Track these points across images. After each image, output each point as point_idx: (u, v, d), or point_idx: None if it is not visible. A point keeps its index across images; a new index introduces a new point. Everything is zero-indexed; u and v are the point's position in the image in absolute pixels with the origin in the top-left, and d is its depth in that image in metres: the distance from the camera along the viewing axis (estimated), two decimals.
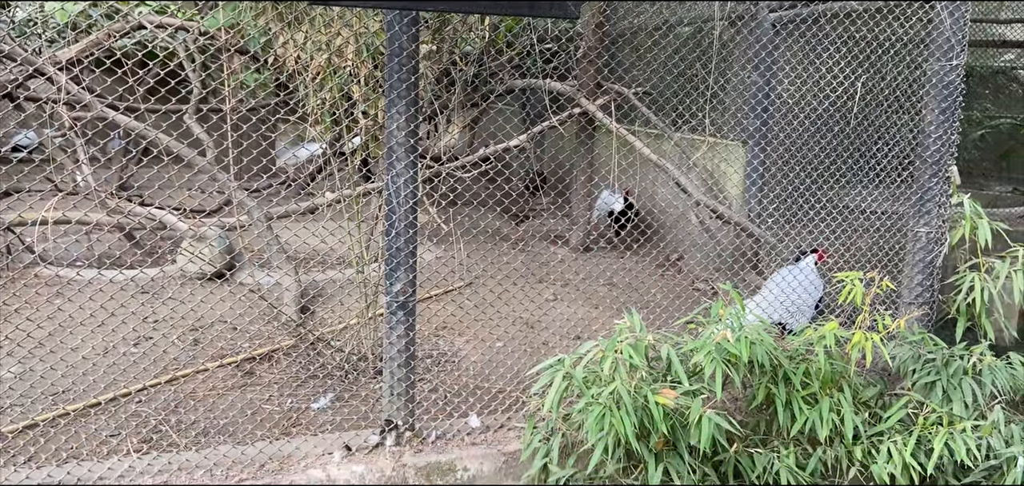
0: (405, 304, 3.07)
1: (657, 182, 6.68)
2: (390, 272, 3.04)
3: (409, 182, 2.99)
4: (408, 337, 3.10)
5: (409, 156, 2.97)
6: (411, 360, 3.13)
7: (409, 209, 3.01)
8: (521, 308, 5.02)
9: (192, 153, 5.16)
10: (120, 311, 4.50)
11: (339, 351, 4.13)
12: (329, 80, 3.78)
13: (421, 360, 4.23)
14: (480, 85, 6.91)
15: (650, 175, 6.74)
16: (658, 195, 6.72)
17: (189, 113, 6.11)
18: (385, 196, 3.03)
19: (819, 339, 3.17)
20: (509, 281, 5.59)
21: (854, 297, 3.32)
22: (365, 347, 4.05)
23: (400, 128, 2.95)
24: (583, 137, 6.73)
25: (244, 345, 4.27)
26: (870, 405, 3.36)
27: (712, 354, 2.92)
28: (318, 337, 4.25)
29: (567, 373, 2.85)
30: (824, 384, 3.18)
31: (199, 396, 3.64)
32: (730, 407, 3.45)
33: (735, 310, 3.16)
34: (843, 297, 3.36)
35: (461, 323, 4.73)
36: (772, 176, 5.35)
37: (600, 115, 5.87)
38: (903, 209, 4.77)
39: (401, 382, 3.13)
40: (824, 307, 4.43)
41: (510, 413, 3.53)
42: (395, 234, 3.01)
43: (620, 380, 2.78)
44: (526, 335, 4.73)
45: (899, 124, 4.91)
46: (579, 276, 6.05)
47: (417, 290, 3.17)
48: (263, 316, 4.64)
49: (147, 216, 5.16)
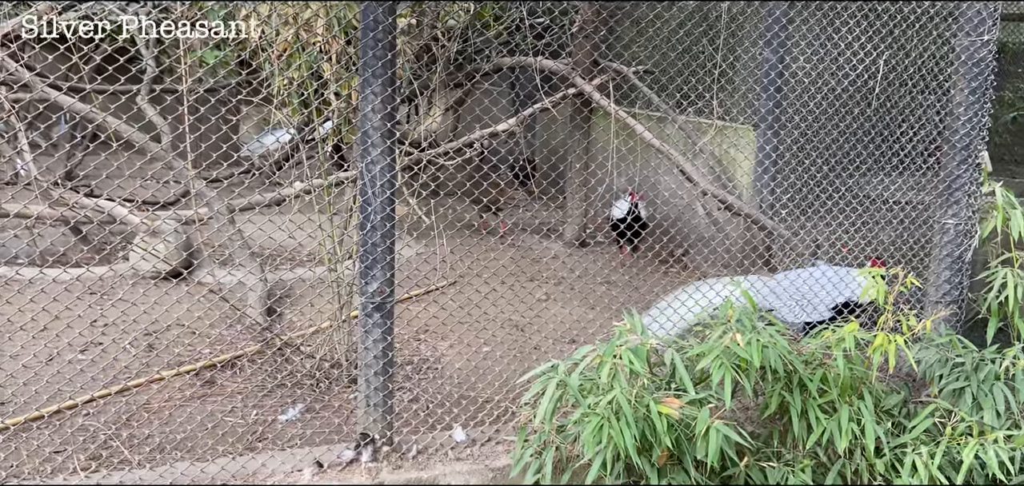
0: (382, 305, 3.06)
1: (660, 170, 6.69)
2: (365, 270, 3.03)
3: (386, 170, 2.97)
4: (385, 342, 3.09)
5: (386, 142, 2.96)
6: (389, 367, 3.12)
7: (386, 200, 2.99)
8: (510, 309, 5.02)
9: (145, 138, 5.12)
10: (65, 314, 4.46)
11: (309, 357, 4.11)
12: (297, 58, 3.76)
13: (400, 367, 4.21)
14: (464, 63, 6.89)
15: (652, 162, 6.75)
16: (661, 184, 6.73)
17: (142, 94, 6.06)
18: (360, 186, 3.02)
19: (838, 342, 3.18)
20: (497, 280, 5.59)
21: (876, 296, 3.33)
22: (338, 353, 4.04)
23: (376, 111, 2.93)
24: (578, 121, 6.73)
25: (204, 351, 4.24)
26: (893, 414, 3.37)
27: (720, 359, 2.93)
28: (286, 342, 4.23)
29: (561, 381, 2.85)
30: (843, 391, 3.19)
31: (154, 408, 3.62)
32: (740, 417, 3.46)
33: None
34: (864, 295, 3.37)
35: (444, 326, 4.72)
36: (786, 163, 5.36)
37: (597, 96, 5.87)
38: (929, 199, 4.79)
39: (378, 391, 3.12)
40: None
41: (499, 425, 3.53)
42: (371, 228, 3.00)
43: (619, 388, 2.78)
44: (516, 339, 4.72)
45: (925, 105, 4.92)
46: (574, 274, 6.06)
47: (395, 290, 3.15)
48: (225, 319, 4.61)
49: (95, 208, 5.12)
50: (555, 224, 7.55)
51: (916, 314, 3.52)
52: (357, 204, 3.26)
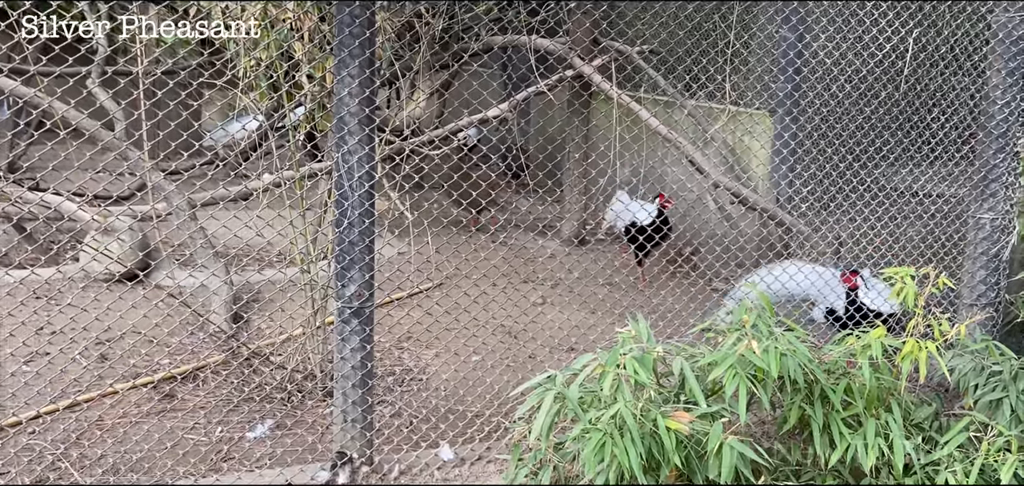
0: (361, 310, 3.05)
1: (667, 160, 6.70)
2: (342, 271, 3.03)
3: (364, 161, 2.97)
4: (364, 350, 3.09)
5: (364, 129, 2.95)
6: (368, 379, 3.12)
7: (365, 194, 2.99)
8: (503, 314, 5.02)
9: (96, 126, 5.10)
10: (8, 321, 4.44)
11: (280, 368, 4.10)
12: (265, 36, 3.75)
13: (381, 378, 4.21)
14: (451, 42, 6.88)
15: (658, 152, 6.76)
16: (668, 176, 6.74)
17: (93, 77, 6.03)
18: (335, 178, 3.01)
19: (863, 349, 3.19)
20: (488, 281, 5.59)
21: (904, 298, 3.34)
22: (312, 363, 4.03)
23: (353, 95, 2.93)
24: (577, 106, 6.74)
25: (163, 362, 4.23)
26: (924, 428, 3.39)
27: (735, 368, 2.93)
28: (254, 351, 4.22)
29: (559, 393, 2.85)
30: (869, 403, 3.20)
31: (107, 425, 3.61)
32: (756, 432, 3.47)
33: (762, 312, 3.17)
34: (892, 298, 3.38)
35: (429, 333, 4.72)
36: (806, 152, 5.38)
37: (598, 79, 5.87)
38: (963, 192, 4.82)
39: (356, 406, 3.12)
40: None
41: (490, 442, 3.53)
42: (348, 225, 2.99)
43: (623, 401, 2.78)
44: (509, 347, 4.72)
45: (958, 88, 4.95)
46: (573, 275, 6.06)
47: (375, 293, 3.15)
48: (186, 326, 4.60)
49: (41, 203, 5.10)
50: (552, 220, 7.56)
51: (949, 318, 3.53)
52: (332, 198, 3.25)
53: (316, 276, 4.00)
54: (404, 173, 4.36)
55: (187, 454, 3.39)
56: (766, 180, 5.78)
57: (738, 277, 5.76)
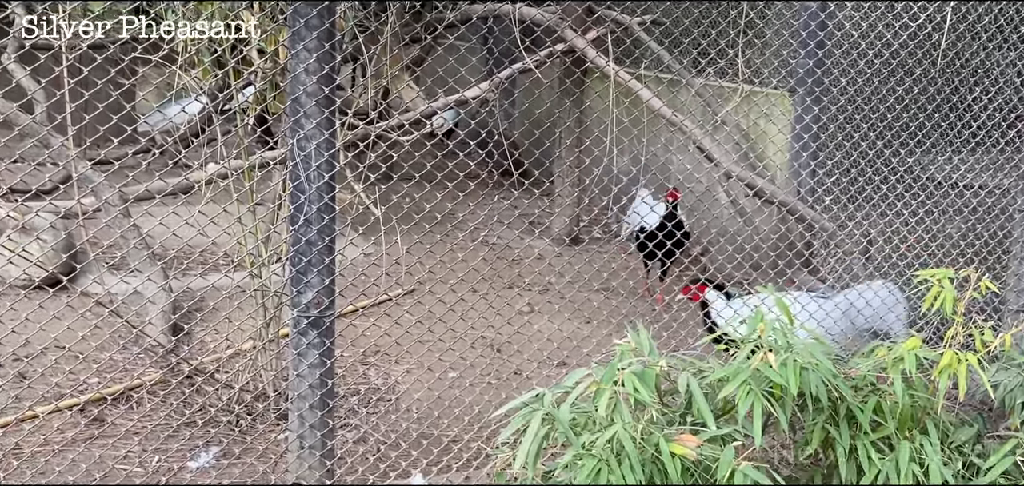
0: (320, 320, 3.04)
1: (672, 147, 6.71)
2: (298, 275, 3.01)
3: (324, 148, 2.96)
4: (324, 366, 3.07)
5: (323, 112, 2.94)
6: (329, 399, 3.11)
7: (324, 186, 2.98)
8: (484, 324, 5.01)
9: (12, 108, 5.05)
10: None
11: (227, 388, 4.09)
12: (208, 4, 3.73)
13: (343, 398, 4.20)
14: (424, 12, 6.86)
15: (662, 137, 6.77)
16: (673, 165, 6.75)
17: (8, 52, 5.98)
18: (290, 169, 3.00)
19: (895, 362, 3.21)
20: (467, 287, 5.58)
21: (942, 304, 3.36)
22: (264, 382, 4.02)
23: (310, 72, 2.92)
24: (569, 85, 6.74)
25: (91, 381, 4.20)
26: (964, 451, 3.40)
27: (748, 384, 2.94)
28: (196, 368, 4.20)
29: (548, 414, 2.84)
30: (902, 424, 3.21)
31: (25, 453, 3.58)
32: (773, 457, 3.48)
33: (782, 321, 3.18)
34: (928, 304, 3.40)
35: (400, 346, 4.71)
36: (830, 137, 5.40)
37: (592, 54, 5.88)
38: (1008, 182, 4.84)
39: (315, 430, 3.11)
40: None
41: (469, 471, 3.52)
42: (305, 222, 2.98)
43: (622, 422, 2.78)
44: (491, 362, 4.71)
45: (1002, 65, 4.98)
46: (564, 279, 6.07)
47: (337, 300, 3.14)
48: (117, 339, 4.57)
49: None
50: (540, 216, 7.56)
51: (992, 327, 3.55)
52: (287, 191, 3.24)
53: (268, 281, 3.98)
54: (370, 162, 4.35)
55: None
56: (785, 170, 5.80)
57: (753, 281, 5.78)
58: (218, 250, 5.76)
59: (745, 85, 5.94)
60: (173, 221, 4.77)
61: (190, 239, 5.73)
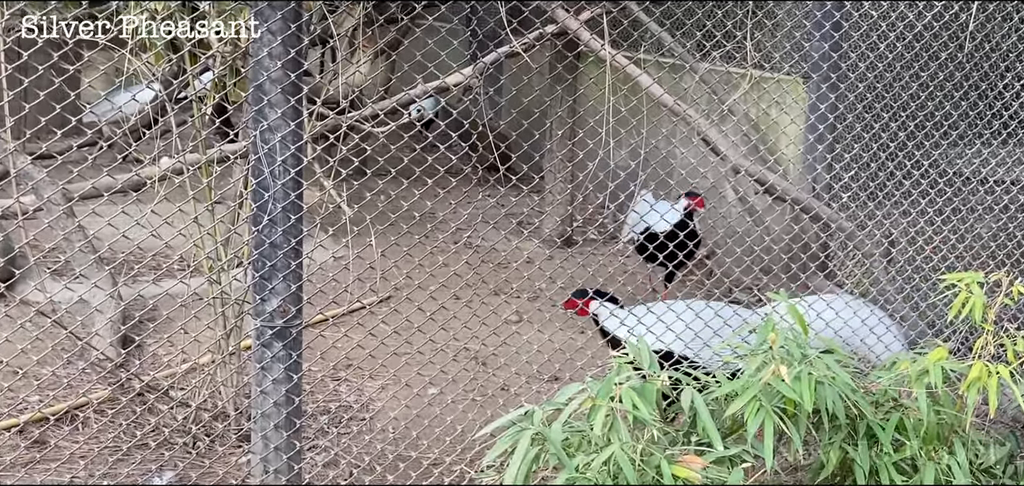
0: (285, 331, 3.04)
1: (675, 138, 6.73)
2: (262, 281, 3.01)
3: (290, 141, 2.95)
4: (291, 382, 3.07)
5: (289, 100, 2.94)
6: (296, 418, 3.10)
7: (290, 183, 2.98)
8: (467, 335, 5.01)
9: None
10: None
11: (183, 406, 4.07)
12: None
13: (312, 417, 4.19)
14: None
15: (664, 128, 6.79)
16: (676, 159, 6.77)
17: None
18: (253, 163, 3.00)
19: (920, 376, 3.22)
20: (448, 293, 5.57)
21: (971, 311, 3.38)
22: (224, 399, 4.01)
23: (274, 56, 2.91)
24: (561, 71, 6.74)
25: (31, 399, 4.18)
26: (995, 473, 3.43)
27: (759, 400, 2.95)
28: (149, 384, 4.19)
29: (538, 434, 2.85)
30: (927, 443, 3.23)
31: None
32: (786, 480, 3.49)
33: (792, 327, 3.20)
34: (954, 311, 3.42)
35: (374, 359, 4.70)
36: (848, 128, 5.42)
37: (586, 36, 5.88)
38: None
39: (280, 452, 3.10)
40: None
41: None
42: (269, 222, 2.98)
43: (619, 443, 2.79)
44: (475, 376, 4.71)
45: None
46: (556, 284, 6.07)
47: (305, 309, 3.14)
48: (61, 352, 4.55)
49: None
50: (529, 215, 7.57)
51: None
52: (249, 189, 3.23)
53: (228, 288, 3.97)
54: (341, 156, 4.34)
55: None
56: (798, 164, 5.82)
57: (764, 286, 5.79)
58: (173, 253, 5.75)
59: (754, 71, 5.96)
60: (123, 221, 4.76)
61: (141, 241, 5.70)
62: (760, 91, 6.09)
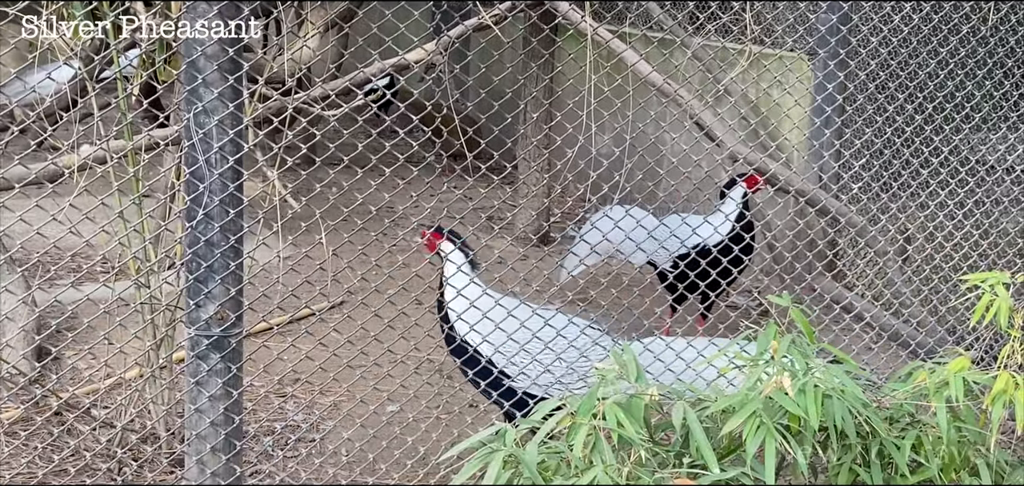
0: (223, 341, 3.03)
1: (664, 122, 6.75)
2: (197, 285, 3.00)
3: (228, 125, 2.95)
4: (230, 399, 3.06)
5: (228, 79, 2.93)
6: (235, 439, 3.10)
7: (229, 173, 2.97)
8: (431, 344, 5.00)
9: None
10: None
11: (107, 426, 4.05)
12: None
13: (254, 439, 4.17)
14: None
15: (651, 110, 6.81)
16: (665, 145, 6.79)
17: None
18: (186, 151, 2.98)
19: (939, 388, 3.24)
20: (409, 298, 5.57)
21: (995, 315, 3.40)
22: (153, 418, 3.99)
23: (210, 29, 2.90)
24: (536, 46, 6.74)
25: None
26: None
27: (759, 417, 2.96)
28: (68, 402, 4.16)
29: (511, 455, 2.85)
30: (947, 464, 3.25)
31: None
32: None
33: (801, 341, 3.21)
34: (977, 316, 3.44)
35: (325, 372, 4.69)
36: (858, 111, 5.45)
37: (565, 7, 5.89)
38: None
39: (218, 478, 3.09)
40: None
41: None
42: (205, 217, 2.97)
43: (603, 465, 2.79)
44: (439, 391, 4.71)
45: None
46: (531, 287, 6.07)
47: (245, 316, 3.13)
48: None
49: None
50: (500, 209, 7.57)
51: None
52: (182, 179, 3.21)
53: (158, 292, 3.95)
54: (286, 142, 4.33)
55: None
56: (803, 151, 5.85)
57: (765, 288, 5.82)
58: (95, 253, 5.72)
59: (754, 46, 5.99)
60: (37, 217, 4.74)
61: (59, 239, 5.68)
62: (760, 69, 6.12)
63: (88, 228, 3.79)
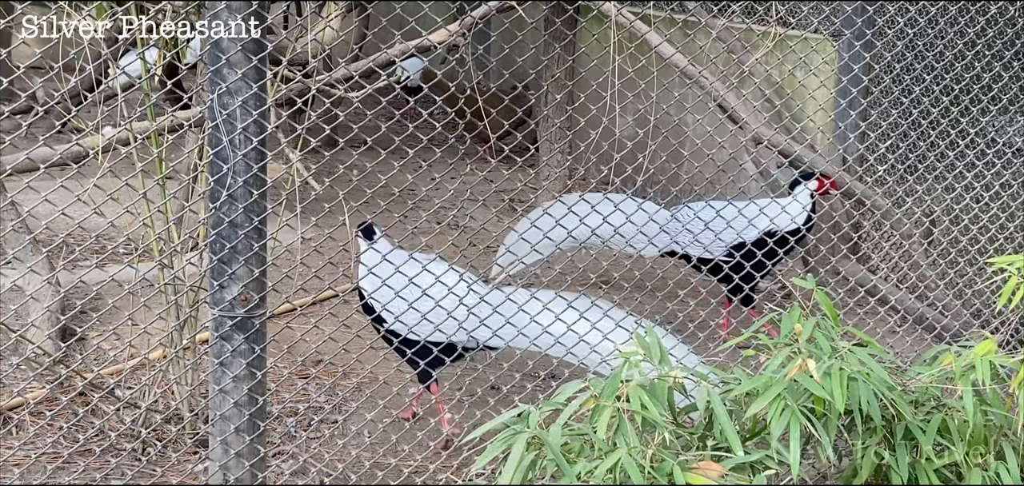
0: (247, 322, 3.03)
1: (687, 104, 6.73)
2: (221, 266, 3.00)
3: (252, 106, 2.95)
4: (253, 380, 3.07)
5: (251, 60, 2.93)
6: (259, 420, 3.10)
7: (253, 154, 2.97)
8: None
9: None
10: None
11: (130, 406, 4.07)
12: None
13: (278, 420, 4.19)
14: None
15: (675, 92, 6.79)
16: (688, 126, 6.77)
17: None
18: (209, 132, 2.98)
19: (965, 372, 3.23)
20: None
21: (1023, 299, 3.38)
22: (177, 399, 4.00)
23: (234, 10, 2.90)
24: (558, 27, 6.73)
25: None
26: None
27: (783, 399, 2.95)
28: (93, 382, 4.18)
29: (534, 437, 2.85)
30: (973, 447, 3.24)
31: None
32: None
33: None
34: (1004, 299, 3.42)
35: (348, 354, 4.70)
36: (884, 92, 5.42)
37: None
38: None
39: (242, 459, 3.10)
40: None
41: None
42: (228, 199, 2.97)
43: (626, 447, 2.79)
44: (463, 373, 4.71)
45: None
46: (554, 270, 6.07)
47: (269, 298, 3.13)
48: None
49: None
50: (522, 191, 7.56)
51: None
52: (206, 161, 3.22)
53: (182, 273, 3.96)
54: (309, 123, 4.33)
55: None
56: (828, 133, 5.82)
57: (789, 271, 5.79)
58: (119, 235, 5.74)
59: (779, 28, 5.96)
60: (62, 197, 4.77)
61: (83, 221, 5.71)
62: (785, 50, 6.09)
63: (112, 209, 3.81)
